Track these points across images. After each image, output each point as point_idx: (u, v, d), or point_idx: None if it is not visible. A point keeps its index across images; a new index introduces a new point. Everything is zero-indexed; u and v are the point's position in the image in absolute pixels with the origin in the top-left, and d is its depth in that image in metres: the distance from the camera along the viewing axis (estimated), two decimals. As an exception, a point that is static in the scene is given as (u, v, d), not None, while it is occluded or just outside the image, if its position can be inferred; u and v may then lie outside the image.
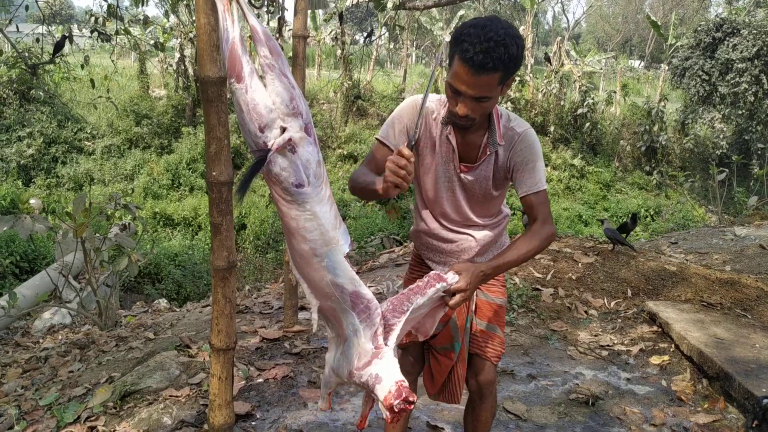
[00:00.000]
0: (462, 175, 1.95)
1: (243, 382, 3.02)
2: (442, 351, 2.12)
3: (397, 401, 1.51)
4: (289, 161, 1.51)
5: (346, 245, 1.60)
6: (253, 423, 2.69)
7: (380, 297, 4.51)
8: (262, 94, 1.49)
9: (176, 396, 2.87)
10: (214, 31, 1.75)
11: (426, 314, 1.84)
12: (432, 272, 1.75)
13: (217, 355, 2.00)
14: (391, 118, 1.97)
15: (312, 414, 2.78)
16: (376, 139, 1.98)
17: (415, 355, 2.20)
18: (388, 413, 1.56)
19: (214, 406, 2.05)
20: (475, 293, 2.08)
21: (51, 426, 2.77)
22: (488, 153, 1.90)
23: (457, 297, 1.71)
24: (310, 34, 23.38)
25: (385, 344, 1.67)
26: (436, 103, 1.95)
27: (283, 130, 1.51)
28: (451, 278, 1.73)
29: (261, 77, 1.50)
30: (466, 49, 1.63)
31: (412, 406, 1.53)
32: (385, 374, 1.58)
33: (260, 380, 3.06)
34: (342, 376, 1.71)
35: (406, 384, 1.56)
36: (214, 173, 1.85)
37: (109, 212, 4.69)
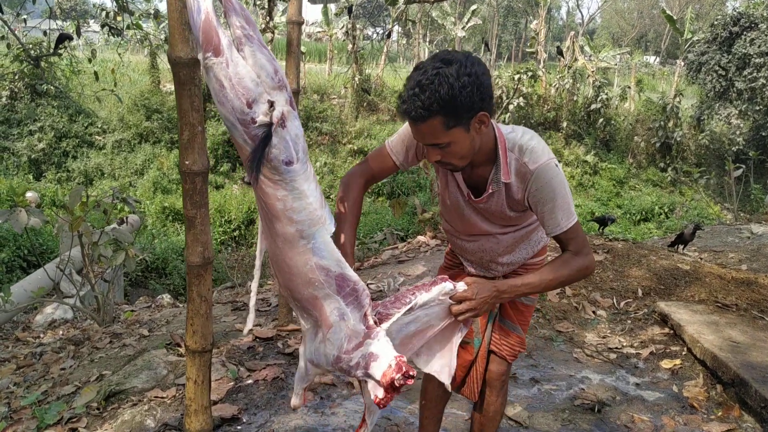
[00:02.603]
0: (474, 204, 1.86)
1: (231, 383, 2.90)
2: (464, 344, 2.09)
3: (398, 375, 1.46)
4: (279, 137, 1.43)
5: (331, 225, 1.54)
6: (239, 427, 2.57)
7: (382, 294, 4.37)
8: (245, 67, 1.39)
9: (161, 397, 2.76)
10: (186, 9, 1.62)
11: (440, 336, 1.78)
12: (441, 275, 1.73)
13: (192, 358, 1.88)
14: (404, 130, 1.87)
15: (301, 418, 2.66)
16: (386, 144, 1.91)
17: None
18: (382, 393, 1.49)
19: (190, 412, 1.93)
20: None
21: (32, 427, 2.67)
22: (490, 191, 1.77)
23: (463, 305, 1.66)
24: (323, 29, 23.28)
25: (378, 326, 1.59)
26: None
27: (271, 104, 1.41)
28: (460, 285, 1.69)
29: (239, 50, 1.38)
30: (399, 98, 1.56)
31: (412, 381, 1.47)
32: (381, 352, 1.52)
33: (249, 381, 2.94)
34: (323, 364, 1.65)
35: (405, 359, 1.50)
36: (187, 162, 1.72)
37: (108, 206, 4.60)
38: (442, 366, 1.82)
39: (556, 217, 1.69)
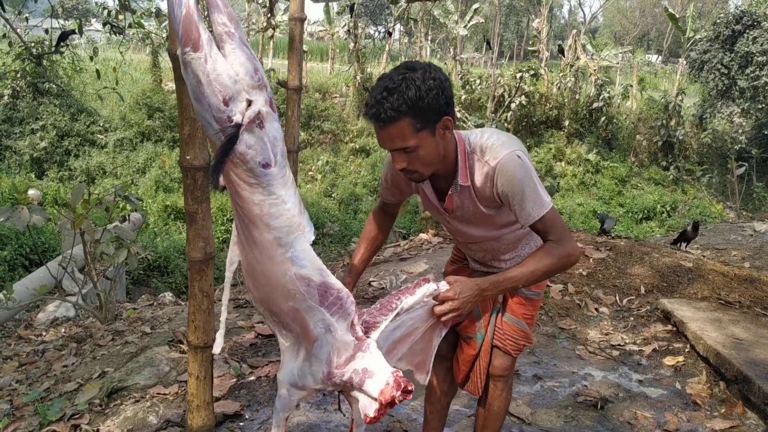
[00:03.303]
0: (449, 214, 1.90)
1: (234, 380, 2.90)
2: (466, 339, 2.11)
3: (398, 393, 1.44)
4: (256, 138, 1.38)
5: (311, 233, 1.49)
6: (241, 423, 2.57)
7: (384, 292, 4.37)
8: (224, 64, 1.35)
9: (164, 394, 2.75)
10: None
11: (421, 338, 1.75)
12: (423, 277, 1.72)
13: (194, 353, 1.87)
14: (383, 174, 1.99)
15: (303, 415, 2.65)
16: (379, 198, 2.08)
17: (452, 340, 2.17)
18: (373, 412, 1.47)
19: (192, 408, 1.93)
20: None
21: (34, 423, 2.67)
22: (450, 193, 1.81)
23: (446, 306, 1.67)
24: (325, 28, 23.28)
25: (367, 337, 1.57)
26: None
27: (250, 103, 1.37)
28: (442, 285, 1.68)
29: (220, 47, 1.36)
30: (365, 104, 1.60)
31: (410, 396, 1.46)
32: (376, 367, 1.49)
33: (252, 378, 2.94)
34: (310, 384, 1.59)
35: (401, 373, 1.48)
36: (188, 157, 1.72)
37: (110, 204, 4.60)
38: (420, 363, 1.82)
39: (526, 207, 1.70)
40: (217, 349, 1.71)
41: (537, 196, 1.69)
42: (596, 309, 4.13)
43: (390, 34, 20.99)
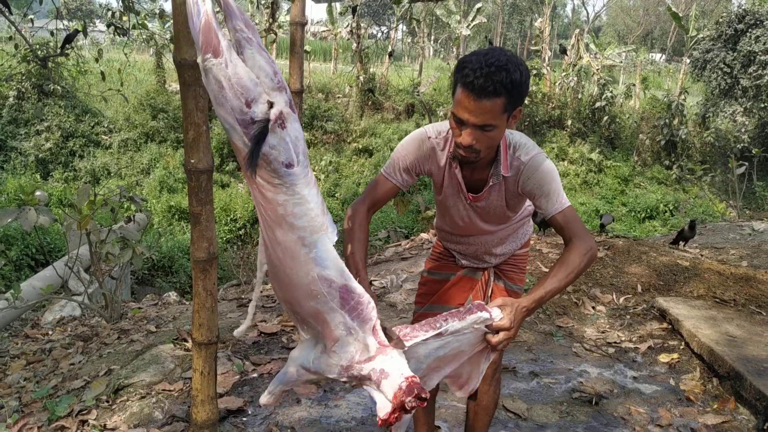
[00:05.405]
0: (472, 203, 1.97)
1: (237, 376, 2.97)
2: None
3: (409, 398, 1.43)
4: (279, 138, 1.41)
5: (333, 233, 1.50)
6: (244, 419, 2.64)
7: (384, 291, 4.43)
8: (244, 68, 1.39)
9: (169, 390, 2.83)
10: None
11: (468, 360, 1.76)
12: (476, 301, 1.71)
13: (198, 350, 1.94)
14: (396, 156, 1.96)
15: (305, 410, 2.73)
16: (382, 173, 1.99)
17: None
18: (385, 414, 1.46)
19: (196, 402, 1.99)
20: (492, 278, 2.17)
21: (43, 419, 2.74)
22: (491, 183, 1.88)
23: (501, 335, 1.64)
24: (328, 28, 23.36)
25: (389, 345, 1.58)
26: (442, 135, 1.94)
27: (271, 104, 1.41)
28: (496, 313, 1.64)
29: (239, 52, 1.42)
30: (466, 74, 1.62)
31: (425, 403, 1.44)
32: (393, 369, 1.48)
33: (255, 375, 3.01)
34: (324, 372, 1.60)
35: (417, 380, 1.47)
36: (192, 161, 1.78)
37: (115, 205, 4.67)
38: (463, 382, 1.81)
39: (551, 200, 1.81)
40: (239, 332, 1.76)
41: (561, 193, 1.83)
42: (593, 307, 4.19)
43: (391, 54, 21.00)
